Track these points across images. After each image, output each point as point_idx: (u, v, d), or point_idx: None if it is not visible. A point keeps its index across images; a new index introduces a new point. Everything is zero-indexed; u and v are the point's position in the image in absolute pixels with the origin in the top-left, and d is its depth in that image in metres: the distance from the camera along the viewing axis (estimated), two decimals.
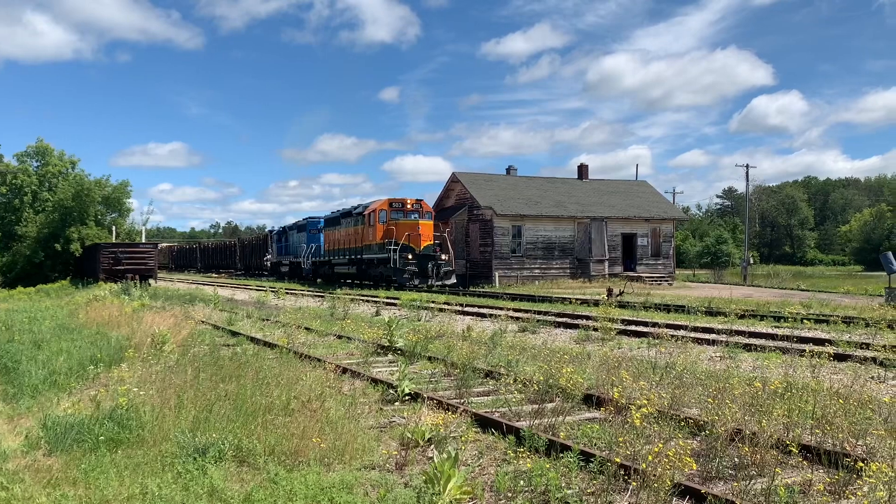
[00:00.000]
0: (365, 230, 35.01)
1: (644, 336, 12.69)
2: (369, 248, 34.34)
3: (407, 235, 32.18)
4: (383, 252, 32.44)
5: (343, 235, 38.44)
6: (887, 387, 8.30)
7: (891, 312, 14.92)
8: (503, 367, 9.20)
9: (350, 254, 37.09)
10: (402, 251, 31.57)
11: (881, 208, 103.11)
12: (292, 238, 50.09)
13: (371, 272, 35.13)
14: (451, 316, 17.89)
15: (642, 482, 4.46)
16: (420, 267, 31.59)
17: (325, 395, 7.23)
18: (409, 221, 33.15)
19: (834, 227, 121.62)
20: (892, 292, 22.46)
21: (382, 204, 34.10)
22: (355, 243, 36.11)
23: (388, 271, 32.47)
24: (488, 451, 5.76)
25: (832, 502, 4.51)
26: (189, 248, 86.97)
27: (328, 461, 5.39)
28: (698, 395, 7.27)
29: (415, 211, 33.91)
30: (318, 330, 14.22)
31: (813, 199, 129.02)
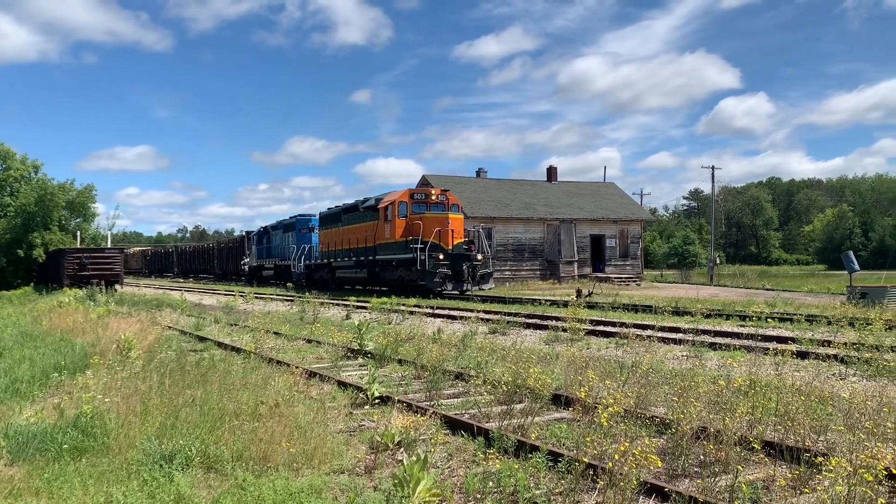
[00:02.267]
0: (379, 226, 29.62)
1: (612, 336, 12.81)
2: (385, 248, 29.11)
3: (437, 232, 26.66)
4: (405, 251, 27.08)
5: (347, 234, 33.17)
6: (847, 383, 8.48)
7: (851, 310, 15.23)
8: (473, 368, 9.23)
9: (358, 255, 31.62)
10: (432, 250, 26.12)
11: (843, 209, 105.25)
12: (276, 239, 45.43)
13: (386, 276, 29.70)
14: (422, 318, 17.90)
15: (609, 481, 4.51)
16: (454, 269, 26.45)
17: (294, 400, 7.19)
18: (436, 215, 27.71)
19: (798, 227, 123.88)
20: (852, 291, 22.93)
21: (402, 195, 28.79)
22: (365, 242, 30.72)
23: (411, 275, 27.12)
24: (458, 452, 5.78)
25: (794, 497, 4.59)
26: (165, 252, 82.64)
27: (297, 466, 5.37)
28: (665, 394, 7.37)
29: (439, 203, 28.67)
30: (288, 334, 14.12)
31: (777, 199, 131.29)
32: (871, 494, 4.10)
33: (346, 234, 33.45)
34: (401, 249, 27.61)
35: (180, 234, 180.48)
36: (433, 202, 28.62)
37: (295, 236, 41.24)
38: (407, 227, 27.93)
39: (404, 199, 28.64)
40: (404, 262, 27.57)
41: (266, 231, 47.92)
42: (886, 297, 21.02)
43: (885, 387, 7.89)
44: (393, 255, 28.44)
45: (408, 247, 26.87)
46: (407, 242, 27.10)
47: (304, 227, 40.91)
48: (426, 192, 29.04)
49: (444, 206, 28.37)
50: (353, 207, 33.69)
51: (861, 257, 53.56)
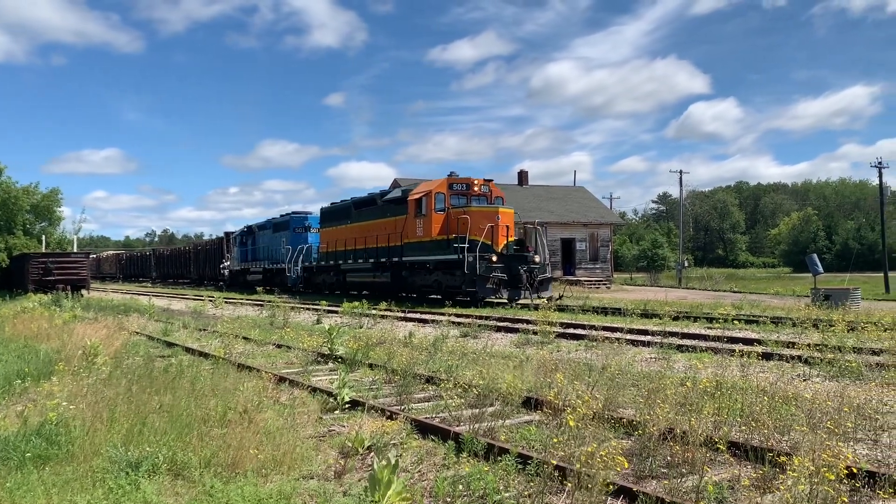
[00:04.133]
0: (407, 222, 25.45)
1: (582, 339, 12.92)
2: (416, 247, 24.95)
3: (489, 229, 22.64)
4: (446, 252, 23.09)
5: (361, 231, 29.06)
6: (811, 384, 8.65)
7: (815, 312, 15.52)
8: (444, 372, 9.24)
9: (377, 255, 27.44)
10: (482, 251, 22.17)
11: (808, 212, 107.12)
12: (263, 239, 41.11)
13: (416, 280, 25.72)
14: (393, 322, 17.88)
15: (578, 483, 4.55)
16: (510, 274, 22.48)
17: (263, 406, 7.15)
18: (484, 209, 23.70)
19: (764, 230, 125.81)
20: (817, 293, 23.37)
21: (439, 185, 24.52)
22: (388, 241, 26.58)
23: (453, 279, 23.28)
24: (428, 456, 5.79)
25: (758, 497, 4.67)
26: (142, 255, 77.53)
27: (266, 472, 5.34)
28: (633, 396, 7.45)
29: (482, 195, 24.90)
30: (257, 339, 14.02)
31: (744, 203, 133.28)
32: (833, 493, 4.18)
33: (358, 231, 29.47)
34: (439, 249, 23.69)
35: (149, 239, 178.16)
36: (475, 194, 24.78)
37: (289, 236, 37.34)
38: (446, 223, 23.87)
39: (442, 191, 24.36)
40: (444, 264, 23.60)
41: (251, 231, 43.79)
42: (849, 298, 21.45)
43: (846, 387, 8.06)
44: (427, 255, 24.39)
45: (449, 246, 22.97)
46: (448, 241, 23.16)
47: (299, 226, 37.18)
48: (468, 182, 24.93)
49: (487, 199, 24.81)
50: (367, 201, 29.73)
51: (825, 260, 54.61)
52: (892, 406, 7.34)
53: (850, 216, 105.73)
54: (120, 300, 31.00)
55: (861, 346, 10.51)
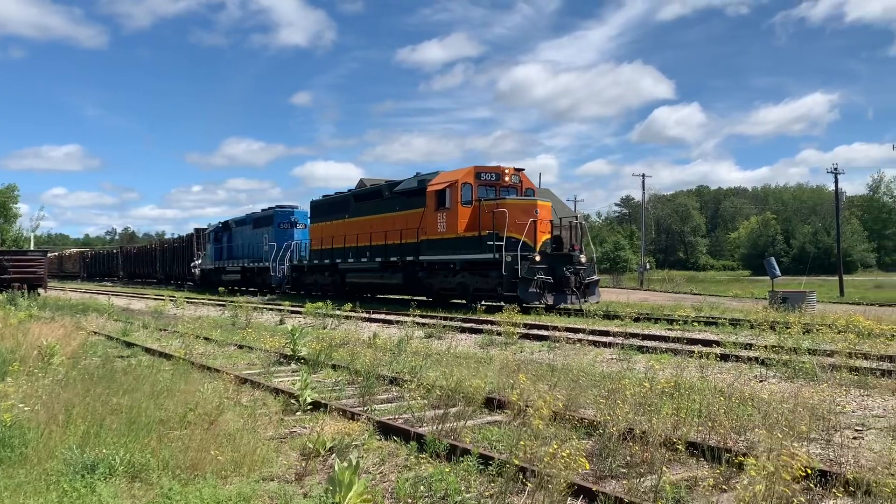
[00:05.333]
0: (426, 217, 22.67)
1: (545, 339, 13.02)
2: (437, 245, 22.15)
3: (531, 225, 20.03)
4: (478, 250, 20.38)
5: (364, 226, 26.13)
6: (767, 384, 8.82)
7: (773, 315, 15.84)
8: (408, 373, 9.23)
9: (386, 254, 24.60)
10: (524, 250, 19.52)
11: (767, 216, 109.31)
12: (241, 236, 38.19)
13: (434, 283, 22.85)
14: (358, 323, 17.82)
15: (539, 483, 4.58)
16: (556, 276, 19.80)
17: (224, 407, 7.07)
18: (521, 201, 21.13)
19: (724, 233, 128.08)
20: (774, 296, 23.84)
21: (466, 174, 21.68)
22: (400, 237, 23.83)
23: (487, 282, 20.48)
24: (390, 457, 5.78)
25: (715, 496, 4.75)
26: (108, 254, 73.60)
27: (225, 474, 5.28)
28: (594, 396, 7.52)
29: (512, 186, 22.11)
30: (219, 340, 13.86)
31: (705, 207, 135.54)
32: (788, 493, 4.27)
33: (361, 227, 26.55)
34: (468, 247, 20.99)
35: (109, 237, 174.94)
36: (505, 184, 22.01)
37: (272, 232, 34.49)
38: (475, 218, 21.08)
39: (469, 181, 21.54)
40: (475, 264, 20.90)
41: (226, 227, 40.65)
42: (805, 301, 21.92)
43: (800, 388, 8.24)
44: (452, 254, 21.60)
45: (482, 244, 20.26)
46: (480, 238, 20.38)
47: (284, 221, 34.46)
48: (498, 171, 22.06)
49: (517, 191, 22.15)
50: (372, 193, 27.16)
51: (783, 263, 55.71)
52: (844, 406, 7.52)
53: (807, 221, 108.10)
54: (78, 299, 30.38)
55: (815, 348, 10.76)
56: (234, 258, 38.69)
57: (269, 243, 34.26)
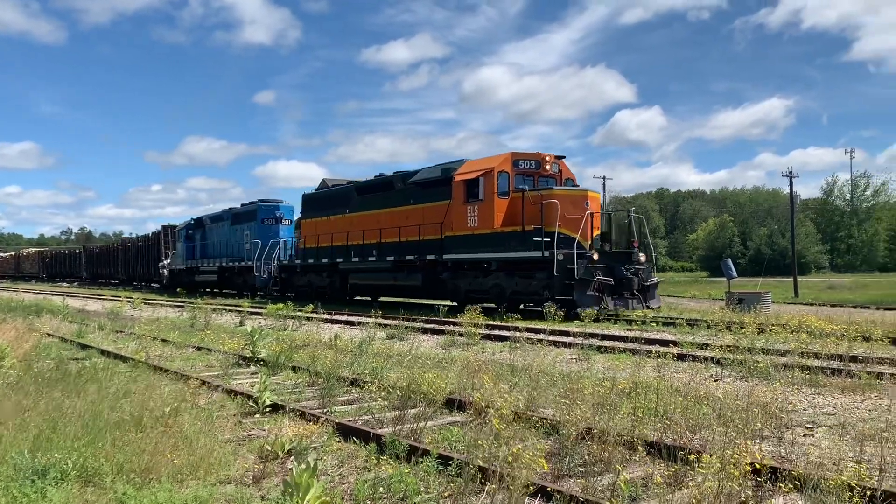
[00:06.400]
0: (452, 210, 20.37)
1: (506, 340, 13.10)
2: (467, 242, 19.82)
3: (587, 218, 17.99)
4: (521, 247, 18.17)
5: (371, 222, 23.87)
6: (722, 383, 9.00)
7: (729, 315, 16.14)
8: (369, 374, 9.21)
9: (400, 252, 22.33)
10: (580, 247, 17.55)
11: (724, 219, 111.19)
12: (218, 233, 35.75)
13: (462, 285, 20.53)
14: (319, 325, 17.71)
15: (498, 483, 4.61)
16: (617, 278, 17.72)
17: (181, 410, 6.97)
18: (572, 192, 18.92)
19: (683, 235, 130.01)
20: (731, 296, 24.31)
21: (502, 162, 19.45)
22: (417, 234, 21.56)
23: (530, 284, 18.43)
24: (350, 459, 5.77)
25: (669, 494, 4.83)
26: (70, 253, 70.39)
27: (182, 477, 5.21)
28: (553, 396, 7.59)
29: (552, 176, 19.99)
30: (176, 342, 13.66)
31: (664, 209, 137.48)
32: (739, 489, 4.36)
33: (366, 222, 24.22)
34: (508, 244, 18.67)
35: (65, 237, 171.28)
36: (545, 174, 19.90)
37: (255, 228, 32.05)
38: (515, 211, 18.83)
39: (506, 169, 19.31)
40: (518, 264, 18.67)
41: (199, 223, 37.98)
42: (760, 302, 22.39)
43: (754, 387, 8.41)
44: (487, 252, 19.25)
45: (526, 240, 18.05)
46: (524, 234, 18.13)
47: (269, 217, 32.25)
48: (538, 159, 19.88)
49: (557, 181, 19.98)
50: (380, 184, 24.49)
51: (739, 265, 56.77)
52: (795, 405, 7.71)
53: (763, 223, 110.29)
54: (31, 300, 29.65)
55: (769, 348, 11.00)
56: (210, 257, 36.03)
57: (251, 241, 31.83)
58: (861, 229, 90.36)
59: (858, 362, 9.48)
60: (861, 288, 41.02)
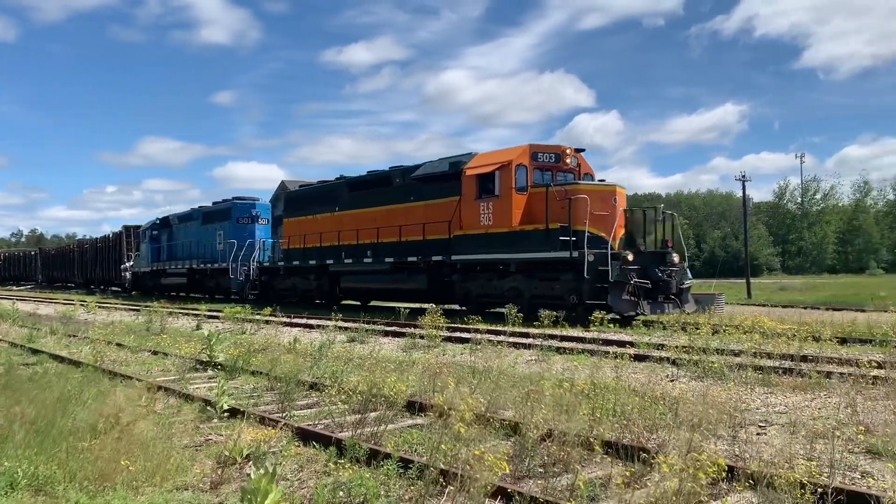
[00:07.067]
0: (462, 207, 19.02)
1: (467, 342, 13.14)
2: (479, 242, 18.47)
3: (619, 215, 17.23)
4: (545, 247, 16.83)
5: (366, 221, 22.45)
6: (678, 383, 9.15)
7: (684, 316, 16.40)
8: (329, 378, 9.16)
9: (400, 252, 20.87)
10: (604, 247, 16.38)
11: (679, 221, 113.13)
12: (186, 233, 34.02)
13: (473, 289, 19.17)
14: (278, 328, 17.54)
15: (459, 486, 4.62)
16: (653, 280, 16.51)
17: (137, 415, 6.83)
18: (599, 187, 17.62)
19: None
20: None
21: (520, 155, 18.09)
22: (421, 233, 20.19)
23: (554, 288, 17.14)
24: (309, 464, 5.73)
25: (628, 493, 4.90)
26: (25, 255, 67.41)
27: (137, 484, 5.11)
28: (514, 398, 7.63)
29: (570, 170, 18.70)
30: (132, 346, 13.39)
31: None
32: (697, 488, 4.43)
33: (360, 221, 22.71)
34: (529, 244, 17.27)
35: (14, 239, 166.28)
36: (564, 168, 18.56)
37: (229, 228, 30.25)
38: (536, 208, 17.58)
39: (524, 162, 17.94)
40: (541, 265, 17.34)
41: (166, 223, 36.12)
42: (714, 303, 22.81)
43: (709, 386, 8.58)
44: (505, 253, 17.82)
45: (550, 240, 16.74)
46: (548, 232, 16.81)
47: (244, 216, 30.41)
48: (558, 152, 18.54)
49: (575, 175, 18.67)
50: (376, 180, 22.93)
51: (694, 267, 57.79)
52: (749, 404, 7.89)
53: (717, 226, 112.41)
54: None
55: (724, 348, 11.21)
56: (178, 259, 33.96)
57: (225, 241, 30.02)
58: (811, 232, 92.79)
59: (809, 362, 9.71)
60: (811, 289, 42.11)
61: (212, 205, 33.57)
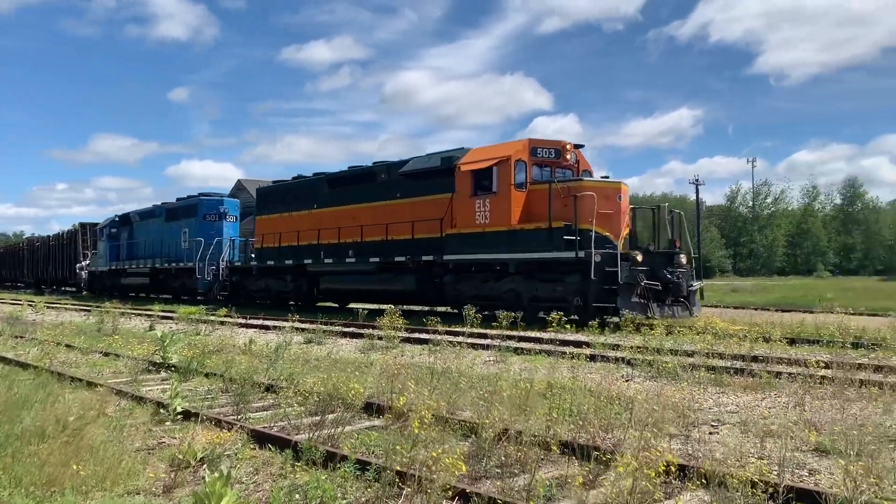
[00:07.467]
0: (455, 205, 18.38)
1: (426, 343, 13.14)
2: (474, 241, 17.73)
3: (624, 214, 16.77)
4: (548, 247, 16.17)
5: (348, 219, 21.55)
6: (633, 383, 9.28)
7: (639, 317, 16.63)
8: (285, 379, 9.06)
9: (387, 252, 20.01)
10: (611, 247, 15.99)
11: None
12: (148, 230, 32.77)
13: (466, 290, 18.17)
14: (233, 329, 17.31)
15: (417, 487, 4.62)
16: (663, 282, 15.87)
17: (87, 418, 6.68)
18: (604, 184, 16.90)
19: None
20: None
21: (519, 150, 17.45)
22: (410, 232, 19.41)
23: (556, 290, 16.42)
24: (265, 466, 5.66)
25: (584, 493, 4.95)
26: None
27: (87, 489, 4.99)
28: (472, 399, 7.65)
29: (569, 167, 18.15)
30: (82, 347, 13.07)
31: None
32: (651, 487, 4.50)
33: (342, 218, 21.80)
34: (530, 243, 16.52)
35: None
36: (564, 164, 17.98)
37: (195, 225, 29.00)
38: (535, 205, 16.94)
39: (523, 157, 17.27)
40: (543, 266, 16.63)
41: (126, 221, 34.71)
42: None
43: (663, 386, 8.72)
44: (504, 252, 17.06)
45: (553, 239, 16.09)
46: (550, 231, 16.13)
47: (211, 213, 29.19)
48: (558, 147, 17.91)
49: (574, 172, 18.07)
50: (358, 176, 22.10)
51: None
52: (701, 403, 8.03)
53: None
54: None
55: (677, 349, 11.41)
56: (140, 258, 32.58)
57: (193, 239, 28.63)
58: (762, 235, 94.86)
59: (759, 362, 9.92)
60: (761, 291, 43.04)
61: (176, 201, 32.35)
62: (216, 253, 27.77)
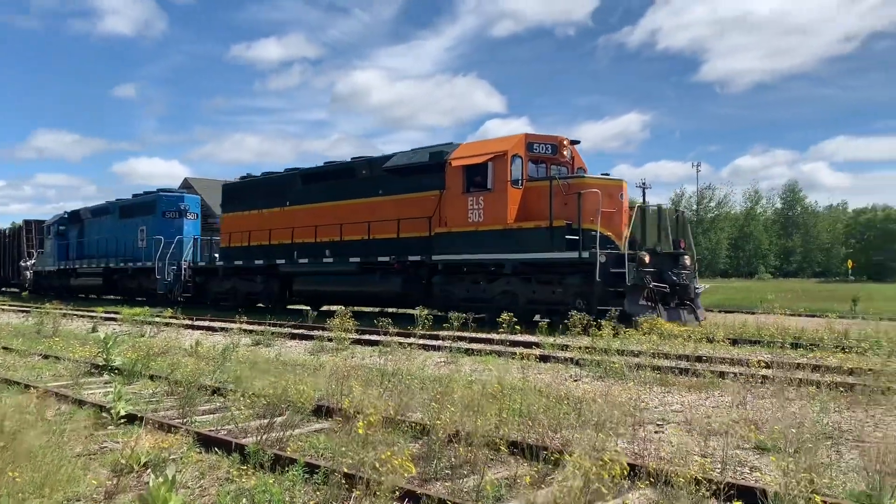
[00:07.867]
0: (445, 202, 17.54)
1: (377, 344, 13.09)
2: (467, 240, 16.90)
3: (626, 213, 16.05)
4: (549, 247, 15.46)
5: (325, 216, 20.60)
6: (581, 383, 9.40)
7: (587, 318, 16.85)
8: (232, 382, 8.92)
9: (370, 251, 19.12)
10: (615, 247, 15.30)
11: None
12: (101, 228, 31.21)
13: (457, 292, 17.47)
14: (179, 331, 16.96)
15: (366, 489, 4.59)
16: (671, 284, 15.44)
17: (24, 423, 6.46)
18: (607, 182, 16.17)
19: None
20: None
21: (515, 144, 16.70)
22: (395, 231, 18.56)
23: (556, 292, 15.80)
24: (211, 471, 5.56)
25: (533, 493, 4.99)
26: None
27: (24, 497, 4.82)
28: (423, 400, 7.66)
29: (565, 163, 17.48)
30: (20, 349, 12.67)
31: None
32: (602, 487, 4.56)
33: (319, 216, 20.80)
34: (528, 243, 15.75)
35: None
36: (560, 161, 17.30)
37: (154, 223, 27.71)
38: (533, 203, 16.20)
39: (519, 152, 16.51)
40: (543, 267, 15.95)
41: (76, 218, 33.15)
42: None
43: (611, 386, 8.86)
44: (500, 252, 16.25)
45: (554, 238, 15.38)
46: (551, 230, 15.39)
47: (171, 210, 27.86)
48: (555, 142, 17.24)
49: (569, 169, 17.42)
50: (339, 170, 20.96)
51: None
52: (647, 403, 8.18)
53: None
54: None
55: (624, 349, 11.60)
56: (92, 257, 31.11)
57: (151, 237, 27.40)
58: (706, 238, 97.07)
59: (703, 362, 10.15)
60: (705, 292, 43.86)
61: (132, 197, 30.90)
62: (177, 252, 26.59)
